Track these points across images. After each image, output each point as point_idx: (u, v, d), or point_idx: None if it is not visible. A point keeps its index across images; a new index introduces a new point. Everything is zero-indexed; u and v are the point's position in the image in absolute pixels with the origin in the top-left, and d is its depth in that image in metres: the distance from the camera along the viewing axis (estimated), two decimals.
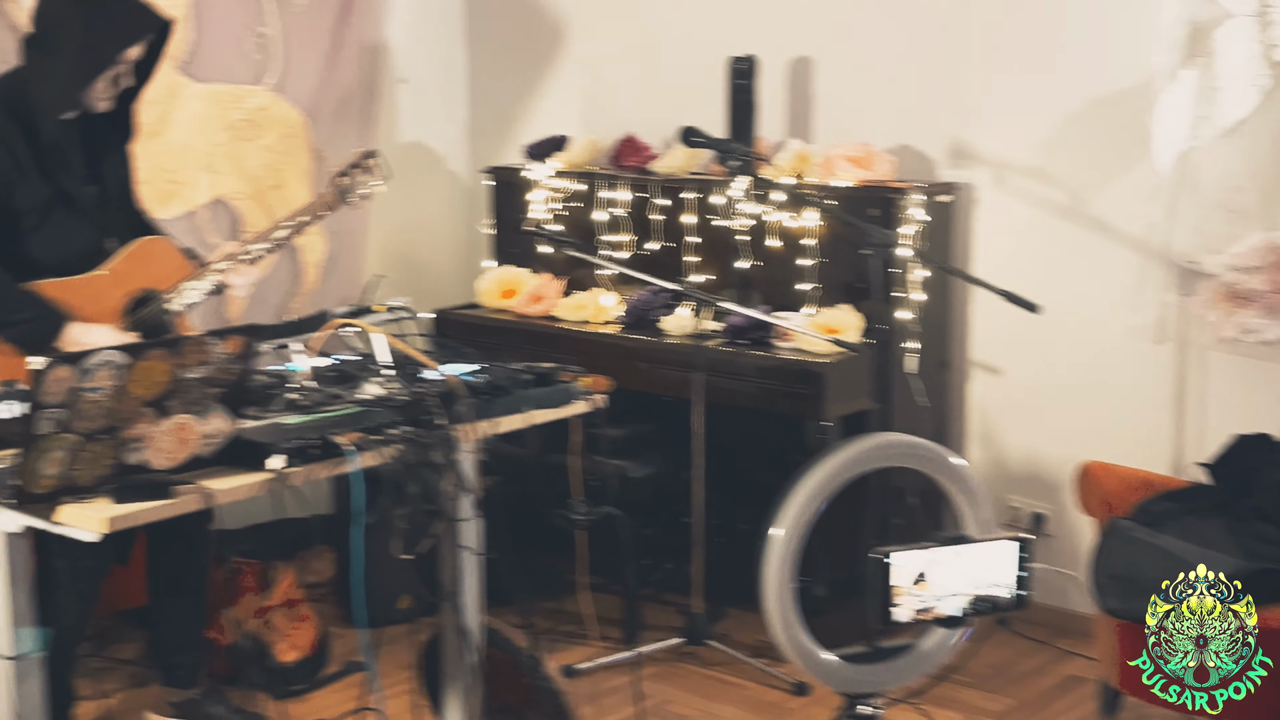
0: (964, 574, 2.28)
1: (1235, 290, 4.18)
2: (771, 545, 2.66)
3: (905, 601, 2.25)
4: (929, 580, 2.24)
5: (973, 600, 2.32)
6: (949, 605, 2.28)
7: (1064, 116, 4.45)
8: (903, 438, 2.79)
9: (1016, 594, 2.32)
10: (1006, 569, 2.29)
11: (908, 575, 2.23)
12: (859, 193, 4.44)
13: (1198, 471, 3.96)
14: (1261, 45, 4.01)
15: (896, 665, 2.45)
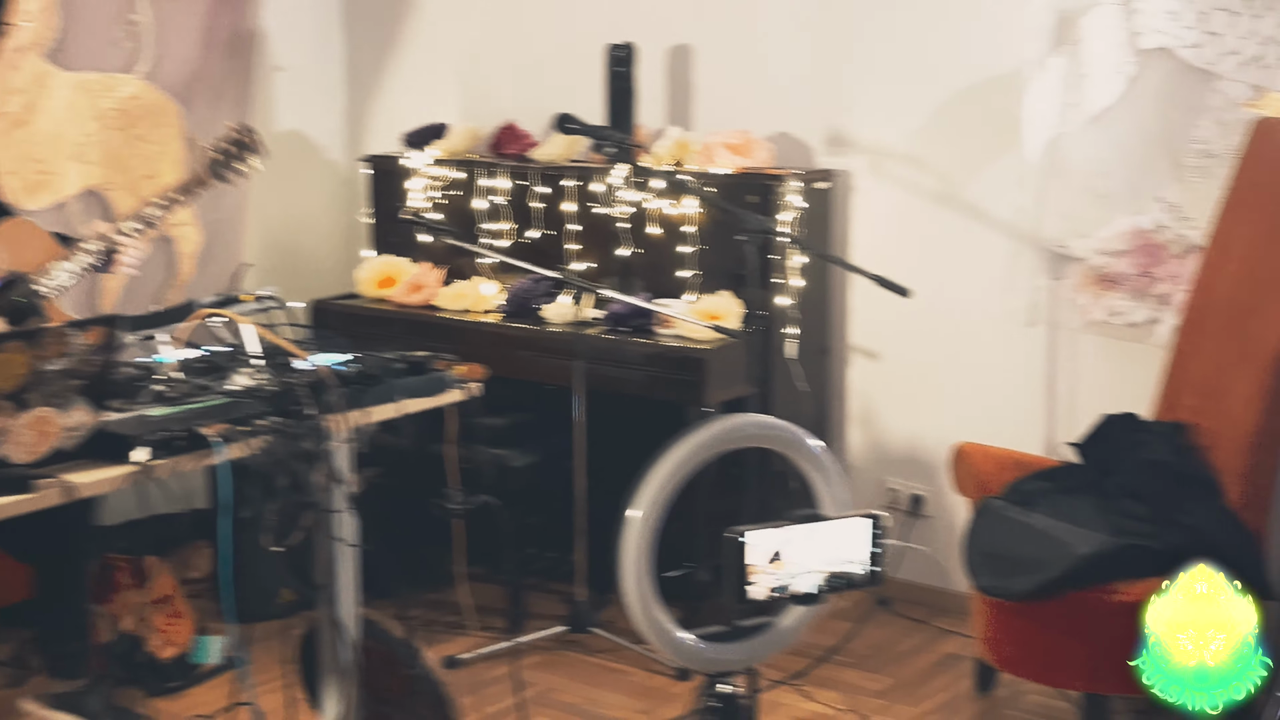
0: (819, 552, 2.30)
1: (1103, 274, 4.28)
2: (629, 527, 2.67)
3: (761, 580, 2.27)
4: (784, 559, 2.26)
5: (827, 577, 2.34)
6: (804, 583, 2.31)
7: (937, 104, 4.51)
8: (758, 419, 2.81)
9: (870, 570, 2.35)
10: (860, 546, 2.32)
11: (763, 554, 2.26)
12: (738, 180, 4.47)
13: (1068, 451, 4.04)
14: (1126, 33, 4.10)
15: (755, 644, 2.47)
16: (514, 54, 5.25)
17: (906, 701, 3.97)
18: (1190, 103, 4.08)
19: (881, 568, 2.32)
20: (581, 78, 4.79)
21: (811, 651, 4.24)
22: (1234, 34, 3.98)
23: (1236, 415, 3.63)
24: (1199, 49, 4.02)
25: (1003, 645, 3.63)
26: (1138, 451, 3.77)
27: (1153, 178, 4.17)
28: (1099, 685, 3.50)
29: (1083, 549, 3.45)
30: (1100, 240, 4.26)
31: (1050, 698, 3.94)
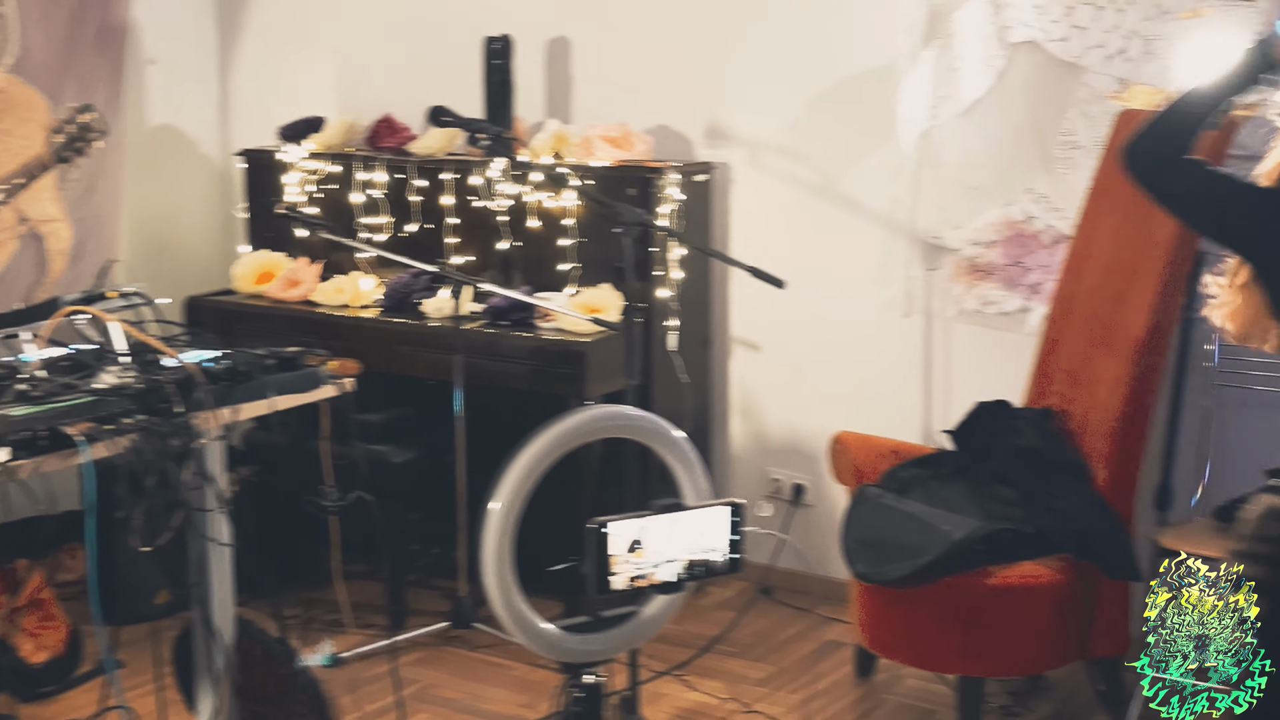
0: (679, 540, 2.32)
1: (975, 264, 4.34)
2: (489, 519, 2.67)
3: (622, 570, 2.28)
4: (645, 548, 2.27)
5: (688, 565, 2.36)
6: (665, 571, 2.32)
7: (813, 97, 4.55)
8: (620, 409, 2.82)
9: (730, 557, 2.37)
10: (720, 534, 2.34)
11: (624, 544, 2.27)
12: (616, 172, 4.47)
13: (943, 438, 4.10)
14: (995, 27, 4.16)
15: (618, 633, 2.48)
16: (392, 46, 5.21)
17: (788, 689, 4.00)
18: (1058, 95, 4.16)
19: (741, 555, 2.34)
20: (460, 70, 4.77)
21: (694, 642, 4.26)
22: (1099, 28, 4.06)
23: (1103, 401, 3.71)
24: (1065, 42, 4.10)
25: (880, 631, 3.69)
26: (1009, 438, 3.85)
27: (1022, 169, 4.24)
28: (974, 667, 3.57)
29: (956, 534, 3.51)
30: (972, 231, 4.33)
31: (928, 681, 4.00)
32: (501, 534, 2.55)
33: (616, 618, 2.45)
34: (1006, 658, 3.56)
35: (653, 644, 4.18)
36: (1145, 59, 4.01)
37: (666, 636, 4.30)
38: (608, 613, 2.40)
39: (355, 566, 4.46)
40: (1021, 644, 3.54)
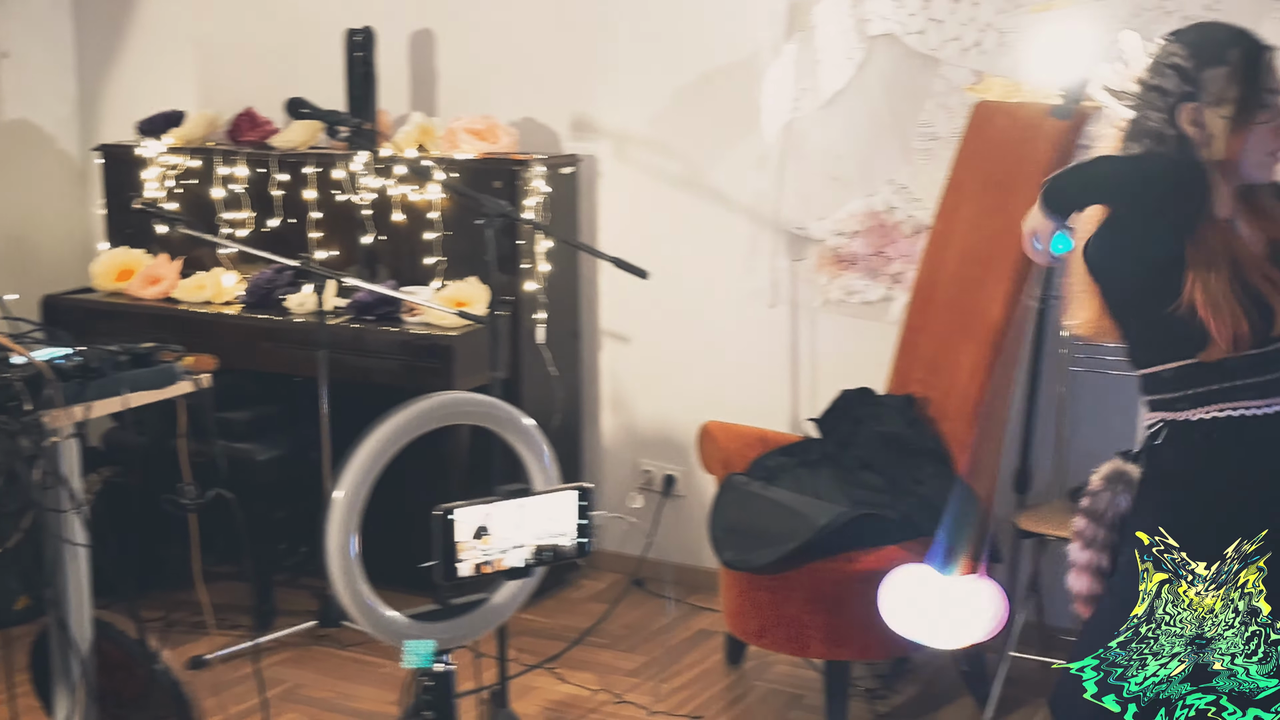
0: (527, 526, 2.32)
1: (839, 254, 4.40)
2: (333, 508, 2.64)
3: (469, 556, 2.27)
4: (492, 534, 2.27)
5: (535, 551, 2.36)
6: (513, 557, 2.32)
7: (678, 89, 4.57)
8: (467, 396, 2.81)
9: (578, 542, 2.37)
10: (568, 519, 2.34)
11: (470, 530, 2.26)
12: (481, 165, 4.45)
13: (810, 426, 4.15)
14: (854, 20, 4.22)
15: (467, 621, 2.47)
16: (253, 39, 5.13)
17: (659, 678, 4.02)
18: (916, 87, 4.23)
19: (590, 539, 2.35)
20: (323, 63, 4.71)
21: (566, 635, 4.26)
22: (955, 21, 4.14)
23: (962, 388, 3.78)
24: (923, 35, 4.17)
25: (748, 618, 3.71)
26: (872, 425, 3.90)
27: (883, 160, 4.30)
28: (840, 652, 3.61)
29: (821, 520, 3.55)
30: (836, 222, 4.38)
31: (797, 667, 4.05)
32: (345, 523, 2.53)
33: (466, 605, 2.44)
34: (872, 641, 3.60)
35: (524, 638, 4.20)
36: (1000, 52, 4.09)
37: (538, 630, 4.32)
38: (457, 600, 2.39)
39: (223, 567, 4.40)
40: (886, 627, 3.59)
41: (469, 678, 3.64)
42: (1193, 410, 2.38)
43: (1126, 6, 3.89)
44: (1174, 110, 2.26)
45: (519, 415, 2.73)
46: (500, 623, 2.60)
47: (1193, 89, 2.25)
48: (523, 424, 2.69)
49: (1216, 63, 2.26)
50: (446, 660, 2.42)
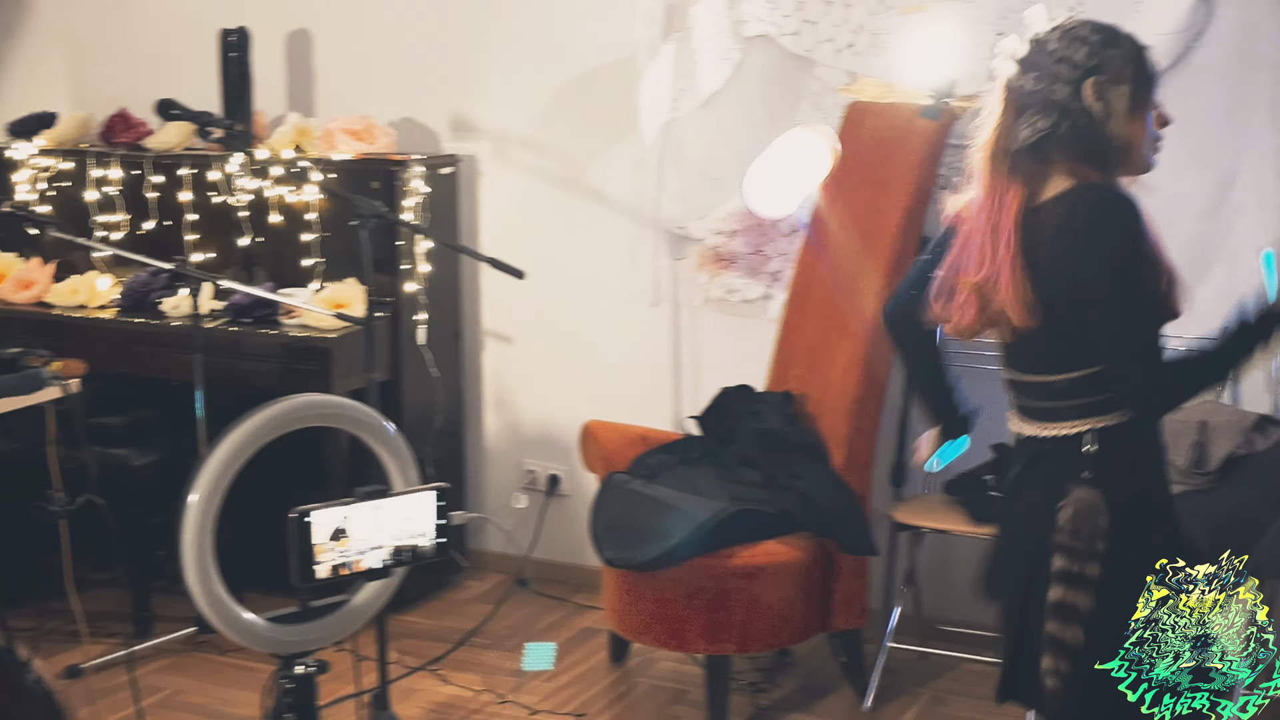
0: (385, 527, 2.32)
1: (719, 253, 4.44)
2: (188, 511, 2.62)
3: (326, 558, 2.27)
4: (350, 535, 2.27)
5: (394, 551, 2.36)
6: (371, 558, 2.31)
7: (557, 90, 4.59)
8: (324, 398, 2.79)
9: (436, 542, 2.37)
10: (427, 518, 2.34)
11: (327, 532, 2.26)
12: (359, 166, 4.43)
13: (691, 424, 4.18)
14: (730, 21, 4.26)
15: (328, 623, 2.46)
16: (126, 39, 5.06)
17: (543, 678, 4.03)
18: (791, 88, 4.28)
19: (448, 538, 2.35)
20: (198, 64, 4.66)
21: (450, 636, 4.25)
22: (828, 22, 4.20)
23: (838, 383, 3.83)
24: (797, 36, 4.22)
25: (630, 615, 3.73)
26: (751, 421, 3.94)
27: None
28: (721, 646, 3.64)
29: (701, 516, 3.58)
30: (715, 221, 4.42)
31: (680, 663, 4.08)
32: (201, 526, 2.51)
33: (327, 607, 2.43)
34: (752, 635, 3.64)
35: (406, 640, 4.19)
36: (872, 53, 4.16)
37: (421, 632, 4.30)
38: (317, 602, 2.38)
39: (100, 575, 4.34)
40: (765, 621, 3.63)
41: (350, 681, 3.63)
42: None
43: (993, 9, 3.97)
44: (1080, 83, 2.22)
45: (376, 416, 2.72)
46: (361, 624, 2.58)
47: (1098, 63, 2.23)
48: (379, 425, 2.68)
49: (1115, 44, 2.26)
50: (307, 663, 2.41)
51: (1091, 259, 2.21)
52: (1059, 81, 2.24)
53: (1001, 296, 2.26)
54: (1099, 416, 2.31)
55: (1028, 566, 2.36)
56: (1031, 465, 2.39)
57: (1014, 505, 2.45)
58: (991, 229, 2.28)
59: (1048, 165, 2.27)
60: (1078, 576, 2.26)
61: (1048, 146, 2.26)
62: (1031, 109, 2.25)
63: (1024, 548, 2.39)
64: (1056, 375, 2.32)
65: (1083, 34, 2.25)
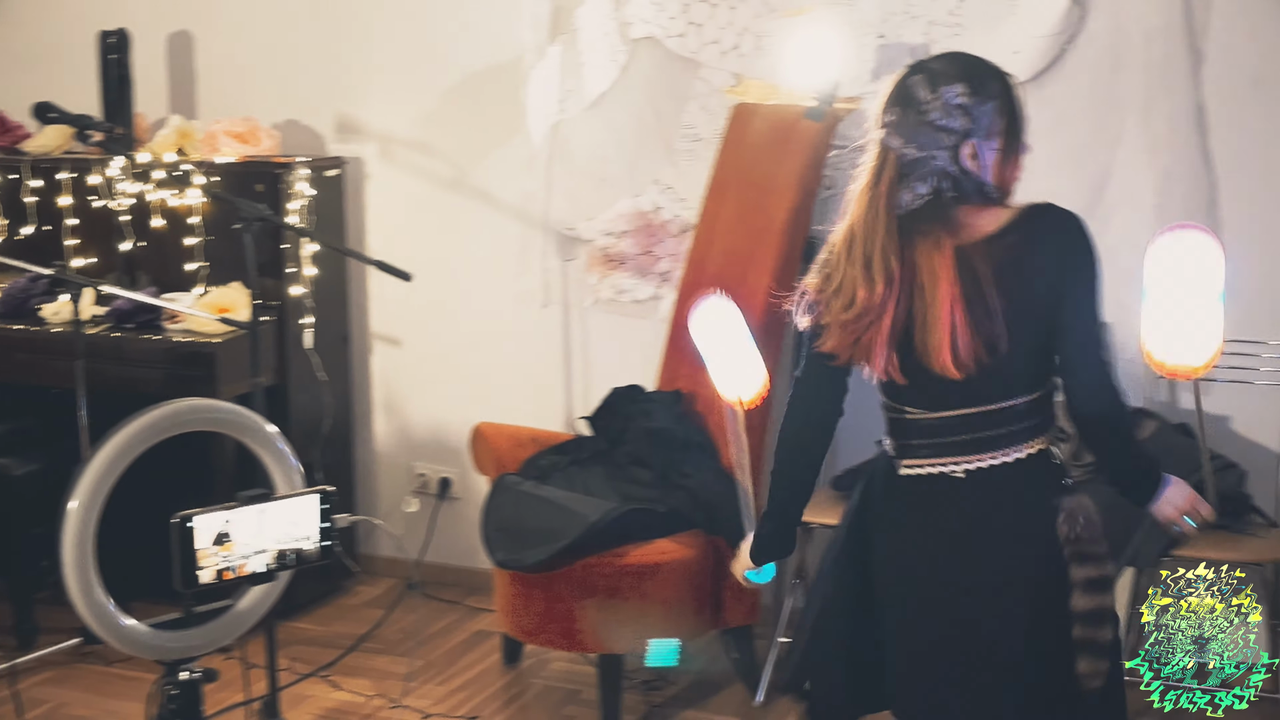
0: (269, 531, 2.30)
1: (608, 254, 4.46)
2: (67, 518, 2.57)
3: (209, 563, 2.25)
4: (233, 540, 2.25)
5: (278, 555, 2.34)
6: (255, 562, 2.30)
7: (443, 91, 4.57)
8: (205, 403, 2.77)
9: (321, 545, 2.36)
10: (311, 522, 2.33)
11: (210, 537, 2.24)
12: (243, 168, 4.38)
13: (582, 425, 4.19)
14: (616, 23, 4.28)
15: (212, 628, 2.44)
16: (2, 41, 4.95)
17: (435, 681, 4.01)
18: (678, 89, 4.31)
19: (332, 541, 2.34)
20: (77, 66, 4.59)
21: (341, 642, 4.22)
22: (714, 24, 4.23)
23: None
24: (683, 38, 4.25)
25: (523, 616, 3.73)
26: (642, 421, 3.96)
27: (648, 161, 4.37)
28: (613, 645, 3.65)
29: (592, 516, 3.59)
30: (604, 222, 4.44)
31: (574, 663, 4.09)
32: (81, 532, 2.47)
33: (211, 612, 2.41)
34: (644, 633, 3.66)
35: (296, 646, 4.15)
36: (757, 55, 4.20)
37: (311, 638, 4.27)
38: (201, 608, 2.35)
39: None
40: (657, 619, 3.65)
41: (239, 689, 3.59)
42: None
43: (874, 11, 4.03)
44: (957, 148, 2.26)
45: (258, 420, 2.69)
46: (247, 629, 2.56)
47: (973, 125, 2.26)
48: (261, 428, 2.66)
49: (988, 97, 2.28)
50: (191, 668, 2.38)
51: (1077, 274, 2.28)
52: (939, 148, 2.26)
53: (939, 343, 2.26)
54: (1052, 428, 2.38)
55: (1020, 590, 2.34)
56: (996, 494, 2.36)
57: (979, 539, 2.37)
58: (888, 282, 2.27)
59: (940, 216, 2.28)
60: (1099, 580, 2.32)
61: (932, 207, 2.28)
62: (913, 176, 2.27)
63: (1008, 573, 2.35)
64: (1018, 399, 2.33)
65: (961, 101, 2.26)
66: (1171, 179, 3.84)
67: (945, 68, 2.30)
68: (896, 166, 2.28)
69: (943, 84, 2.27)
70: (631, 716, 3.77)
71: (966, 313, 2.25)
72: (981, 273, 2.25)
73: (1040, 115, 3.87)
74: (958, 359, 2.26)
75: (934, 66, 2.31)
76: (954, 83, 2.28)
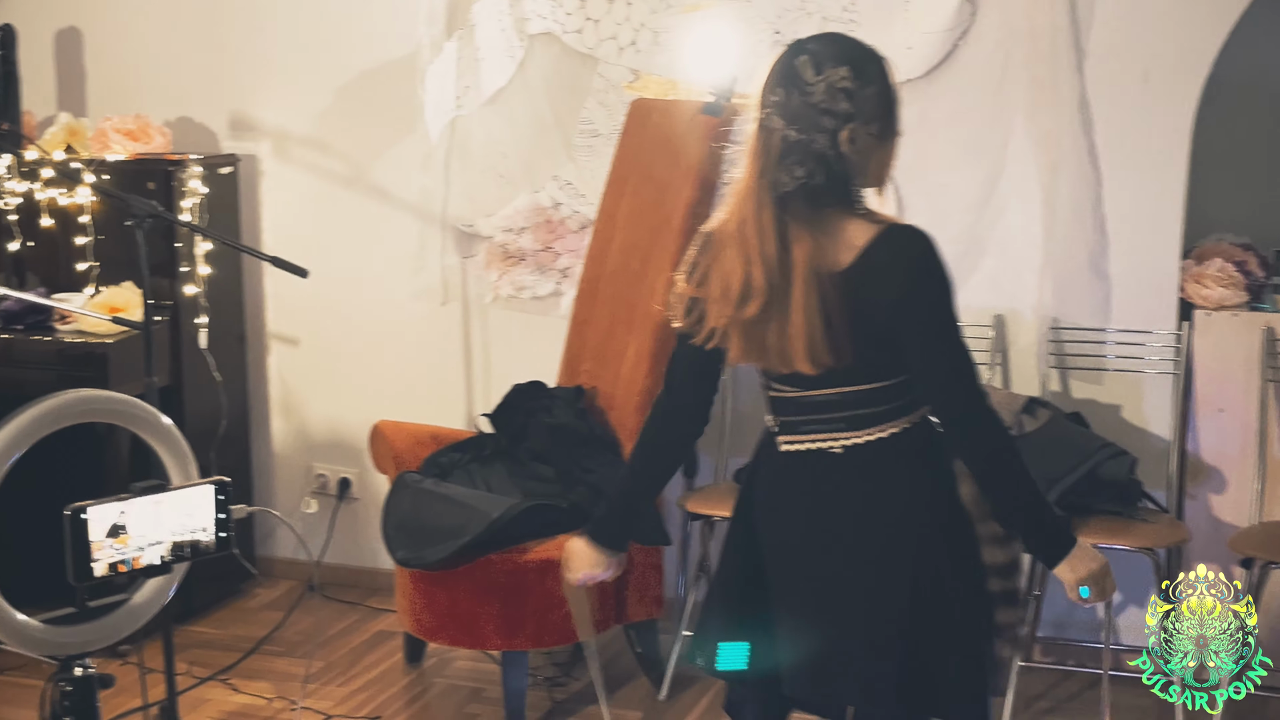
0: (165, 522, 2.26)
1: (508, 250, 4.44)
2: None
3: (103, 555, 2.21)
4: (128, 532, 2.21)
5: (173, 547, 2.31)
6: (150, 554, 2.26)
7: (339, 88, 4.54)
8: (98, 394, 2.70)
9: (218, 536, 2.32)
10: (206, 513, 2.30)
11: (104, 529, 2.20)
12: (134, 166, 4.31)
13: (483, 422, 4.17)
14: (513, 19, 4.27)
15: (107, 622, 2.39)
16: None
17: (337, 682, 3.98)
18: (576, 85, 4.31)
19: (230, 533, 2.31)
20: None
21: (240, 645, 4.17)
22: (611, 20, 4.24)
23: (627, 377, 3.87)
24: (580, 34, 4.25)
25: (425, 615, 3.71)
26: (543, 417, 3.95)
27: (547, 157, 4.37)
28: (516, 642, 3.64)
29: (494, 513, 3.58)
30: (503, 218, 4.42)
31: (477, 661, 4.07)
32: None
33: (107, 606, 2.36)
34: (547, 630, 3.65)
35: (195, 650, 4.10)
36: (655, 50, 4.22)
37: (210, 642, 4.21)
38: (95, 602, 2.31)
39: None
40: (560, 615, 3.64)
41: (136, 695, 3.53)
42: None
43: (770, 7, 4.06)
44: (837, 133, 2.24)
45: (152, 410, 2.64)
46: (142, 623, 2.51)
47: (854, 110, 2.25)
48: (154, 419, 2.61)
49: (869, 82, 2.28)
50: (86, 664, 2.33)
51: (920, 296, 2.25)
52: (820, 131, 2.24)
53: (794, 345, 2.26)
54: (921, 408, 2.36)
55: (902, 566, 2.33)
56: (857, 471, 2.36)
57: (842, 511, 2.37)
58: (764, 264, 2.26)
59: (812, 209, 2.26)
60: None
61: (806, 193, 2.25)
62: (792, 158, 2.25)
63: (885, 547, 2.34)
64: (884, 381, 2.33)
65: (844, 84, 2.25)
66: (1059, 172, 3.92)
67: (827, 49, 2.29)
68: (780, 148, 2.26)
69: (828, 66, 2.27)
70: (536, 713, 3.77)
71: (822, 323, 2.25)
72: (833, 299, 2.25)
73: (936, 110, 3.96)
74: (812, 361, 2.26)
75: (815, 48, 2.29)
76: (838, 65, 2.27)
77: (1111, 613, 3.87)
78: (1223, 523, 3.88)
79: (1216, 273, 3.92)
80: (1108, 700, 3.64)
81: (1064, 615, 4.05)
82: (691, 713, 3.80)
